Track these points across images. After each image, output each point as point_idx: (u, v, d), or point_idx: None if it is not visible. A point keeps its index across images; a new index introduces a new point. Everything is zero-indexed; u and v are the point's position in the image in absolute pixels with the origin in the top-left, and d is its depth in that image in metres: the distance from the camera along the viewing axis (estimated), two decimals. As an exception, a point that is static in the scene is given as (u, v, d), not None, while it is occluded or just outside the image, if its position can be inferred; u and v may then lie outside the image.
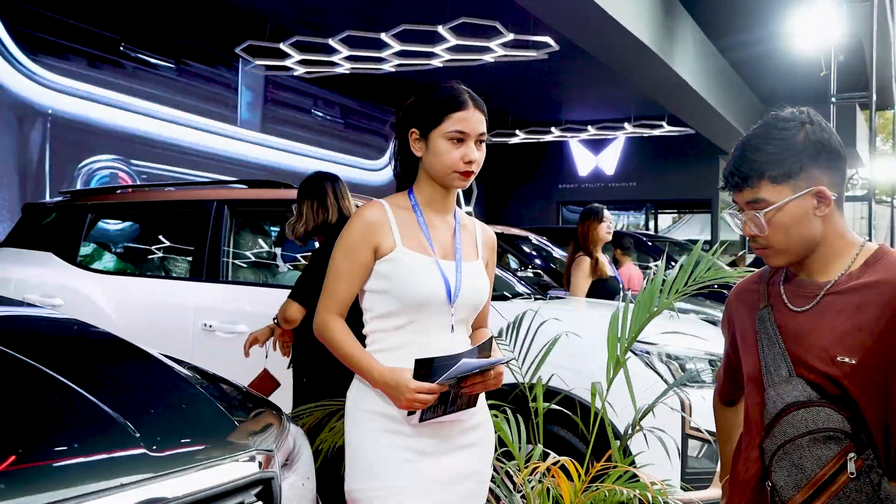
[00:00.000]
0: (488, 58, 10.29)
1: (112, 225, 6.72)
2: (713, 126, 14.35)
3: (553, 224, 18.16)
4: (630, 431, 2.85)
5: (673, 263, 8.15)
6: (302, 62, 10.66)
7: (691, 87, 11.17)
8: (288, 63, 10.66)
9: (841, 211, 1.84)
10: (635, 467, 2.76)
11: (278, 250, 5.68)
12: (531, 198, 19.27)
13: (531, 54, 10.03)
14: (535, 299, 4.87)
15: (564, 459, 2.61)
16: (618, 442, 2.80)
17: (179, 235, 5.66)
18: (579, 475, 2.62)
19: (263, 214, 5.51)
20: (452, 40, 9.49)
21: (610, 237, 5.96)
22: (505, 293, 4.95)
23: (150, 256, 5.89)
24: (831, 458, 1.71)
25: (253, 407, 1.78)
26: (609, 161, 19.07)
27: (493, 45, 9.66)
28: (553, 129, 16.33)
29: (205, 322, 4.65)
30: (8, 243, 5.72)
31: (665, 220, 20.66)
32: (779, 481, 1.77)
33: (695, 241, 10.21)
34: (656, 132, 15.76)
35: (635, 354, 3.93)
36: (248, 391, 1.93)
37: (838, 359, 1.74)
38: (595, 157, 19.23)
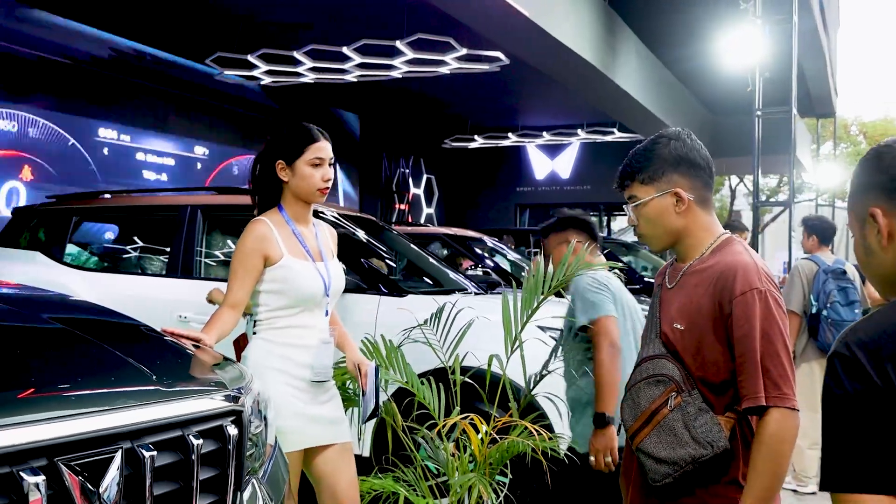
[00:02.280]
0: (444, 70, 10.96)
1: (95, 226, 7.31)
2: (660, 134, 15.11)
3: (511, 225, 18.87)
4: (526, 395, 3.54)
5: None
6: (268, 72, 11.27)
7: (635, 99, 11.93)
8: (255, 73, 11.27)
9: (704, 208, 2.38)
10: (535, 426, 3.43)
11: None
12: (491, 200, 19.97)
13: (483, 67, 10.72)
14: (475, 294, 5.52)
15: (472, 416, 3.30)
16: (516, 404, 3.48)
17: (156, 236, 6.29)
18: (482, 423, 3.32)
19: (232, 218, 6.14)
20: (410, 54, 10.15)
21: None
22: (445, 287, 5.64)
23: (128, 256, 6.51)
24: (658, 395, 2.34)
25: (227, 364, 2.45)
26: (564, 165, 19.84)
27: (447, 58, 10.34)
28: (510, 134, 17.03)
29: (180, 314, 5.27)
30: (-2, 243, 6.30)
31: (622, 221, 21.44)
32: (624, 414, 2.43)
33: (641, 244, 10.96)
34: (608, 138, 16.51)
35: (552, 338, 4.66)
36: (222, 355, 2.60)
37: (674, 325, 2.34)
38: (551, 161, 19.98)
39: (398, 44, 9.79)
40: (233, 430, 2.09)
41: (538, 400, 3.84)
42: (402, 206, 17.71)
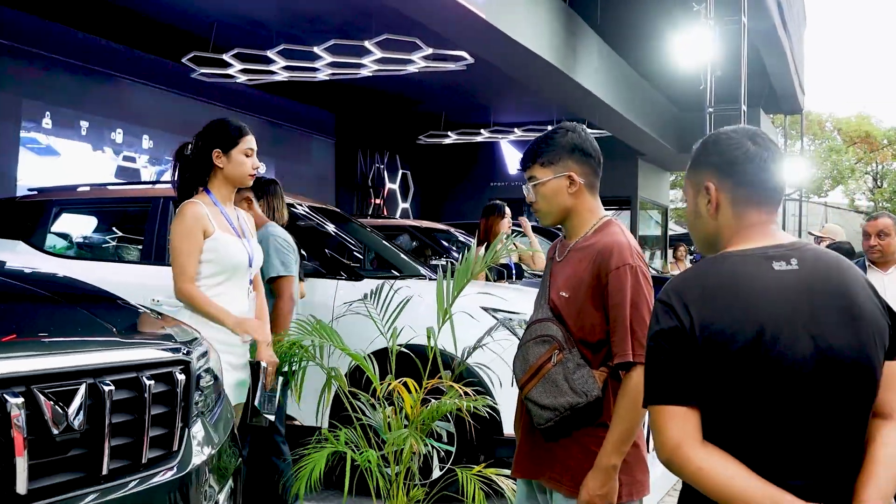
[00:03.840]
0: (411, 69, 11.38)
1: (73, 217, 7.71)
2: (626, 131, 15.58)
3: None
4: (459, 363, 4.00)
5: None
6: (243, 71, 11.66)
7: (598, 98, 12.38)
8: (230, 71, 11.66)
9: (592, 193, 2.79)
10: (463, 388, 3.88)
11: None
12: (465, 195, 20.38)
13: (450, 66, 11.15)
14: (430, 280, 5.97)
15: (406, 379, 3.76)
16: (448, 372, 3.93)
17: (131, 226, 6.72)
18: (417, 390, 3.77)
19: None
20: (378, 53, 10.57)
21: (509, 230, 7.05)
22: (404, 273, 6.11)
23: (106, 245, 6.93)
24: (544, 352, 2.73)
25: (182, 328, 2.89)
26: (537, 160, 20.22)
27: (414, 57, 10.76)
28: (483, 130, 17.41)
29: (153, 297, 5.70)
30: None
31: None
32: (515, 369, 2.87)
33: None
34: (578, 135, 16.92)
35: (494, 317, 5.14)
36: (180, 322, 3.04)
37: (560, 293, 2.77)
38: (524, 156, 20.36)
39: (367, 44, 10.21)
40: (181, 377, 2.53)
41: (476, 369, 4.32)
42: (378, 201, 18.11)
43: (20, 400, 2.00)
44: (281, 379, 3.66)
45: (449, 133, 17.69)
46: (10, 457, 1.97)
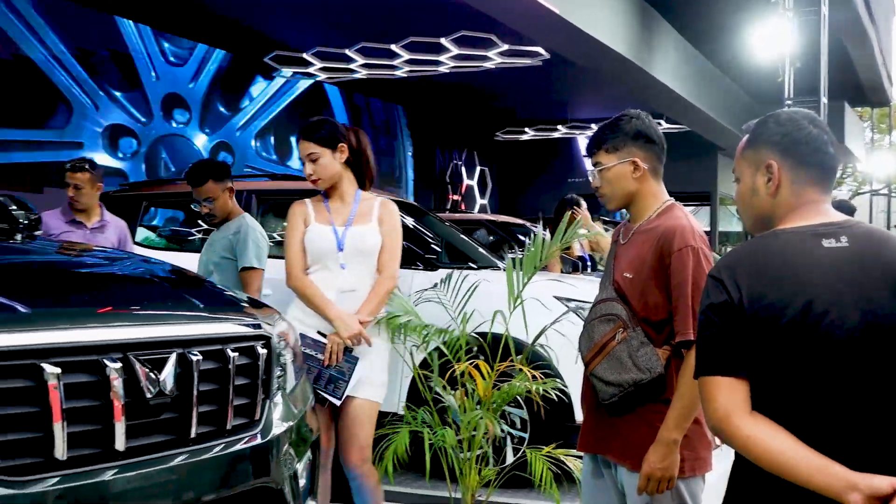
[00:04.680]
0: (488, 65, 11.53)
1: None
2: (704, 125, 15.43)
3: (563, 215, 19.17)
4: (529, 347, 4.11)
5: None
6: (323, 69, 11.96)
7: (674, 91, 12.32)
8: (311, 70, 11.97)
9: (655, 178, 2.88)
10: (532, 371, 4.00)
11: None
12: (543, 191, 20.39)
13: (526, 62, 11.26)
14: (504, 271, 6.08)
15: (478, 362, 3.89)
16: (519, 357, 4.05)
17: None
18: (489, 373, 3.90)
19: (283, 201, 6.81)
20: (455, 50, 10.75)
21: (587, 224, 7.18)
22: (480, 265, 6.25)
23: (192, 238, 7.22)
24: (608, 331, 2.84)
25: (264, 307, 3.07)
26: (615, 156, 20.11)
27: (490, 54, 10.90)
28: (560, 126, 17.45)
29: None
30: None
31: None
32: (580, 346, 2.97)
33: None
34: (656, 129, 16.81)
35: (566, 306, 5.23)
36: (262, 302, 3.23)
37: (624, 274, 2.88)
38: (602, 152, 20.26)
39: (443, 41, 10.39)
40: (262, 351, 2.70)
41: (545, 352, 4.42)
42: (456, 197, 18.29)
43: (118, 365, 2.19)
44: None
45: (526, 129, 17.78)
46: (109, 417, 2.16)
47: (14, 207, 3.68)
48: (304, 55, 11.32)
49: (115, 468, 2.16)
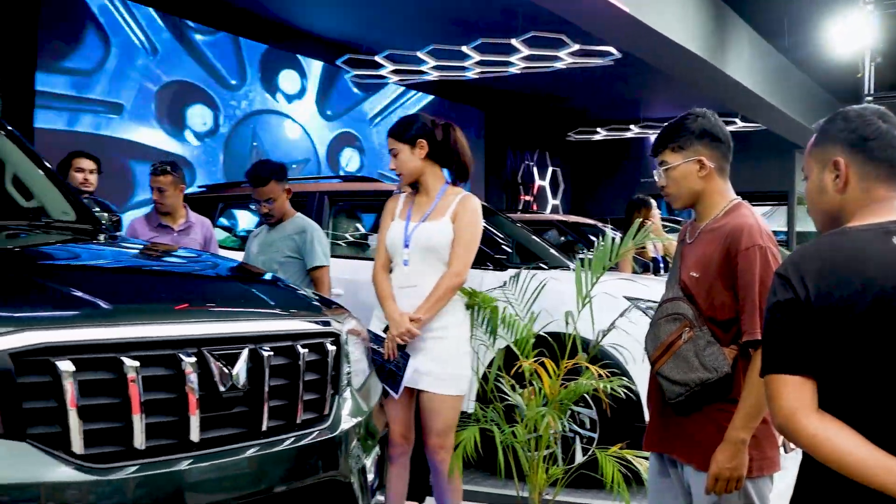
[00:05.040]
0: (559, 65, 11.50)
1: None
2: (781, 123, 15.12)
3: (636, 216, 19.01)
4: (595, 345, 4.11)
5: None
6: (395, 71, 12.07)
7: (749, 89, 12.11)
8: (382, 73, 12.09)
9: (722, 176, 2.87)
10: (599, 369, 4.00)
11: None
12: (615, 191, 20.23)
13: (597, 61, 11.20)
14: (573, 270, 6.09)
15: (544, 360, 3.91)
16: (585, 354, 4.06)
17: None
18: (554, 371, 3.92)
19: (355, 202, 6.93)
20: (525, 51, 10.75)
21: (657, 224, 7.18)
22: (550, 265, 6.28)
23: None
24: (674, 330, 2.83)
25: (335, 305, 3.15)
26: (689, 156, 19.84)
27: (561, 54, 10.87)
28: (632, 126, 17.31)
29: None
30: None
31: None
32: (646, 346, 2.97)
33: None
34: (730, 128, 16.48)
35: (636, 307, 5.21)
36: (331, 301, 3.30)
37: (691, 273, 2.87)
38: (675, 152, 20.01)
39: (514, 41, 10.39)
40: (331, 347, 2.77)
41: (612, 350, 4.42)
42: (528, 198, 18.27)
43: (193, 360, 2.27)
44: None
45: (598, 129, 17.67)
46: (184, 409, 2.25)
47: (97, 209, 3.84)
48: (376, 58, 11.44)
49: (190, 458, 2.25)
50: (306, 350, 2.64)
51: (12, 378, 1.98)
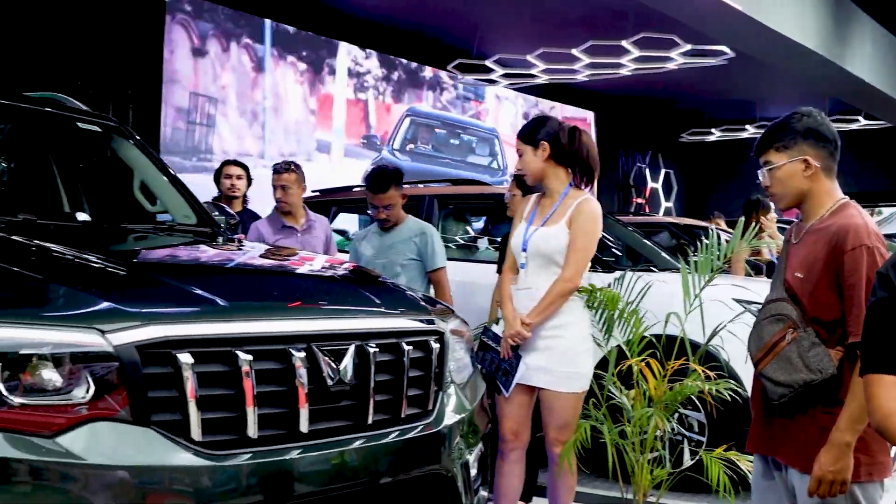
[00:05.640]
0: (670, 66, 11.36)
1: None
2: (907, 119, 14.55)
3: (752, 218, 18.56)
4: (702, 347, 4.09)
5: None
6: (504, 76, 12.15)
7: (871, 85, 11.68)
8: (492, 77, 12.18)
9: (828, 176, 2.84)
10: (706, 370, 3.97)
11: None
12: (732, 194, 19.76)
13: (710, 61, 11.02)
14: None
15: (649, 359, 3.92)
16: (691, 356, 4.04)
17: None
18: (660, 371, 3.92)
19: (464, 206, 7.03)
20: (636, 52, 10.67)
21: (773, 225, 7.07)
22: (659, 267, 6.25)
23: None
24: (778, 331, 2.81)
25: (440, 305, 3.25)
26: (808, 156, 19.25)
27: (672, 54, 10.74)
28: (748, 126, 16.90)
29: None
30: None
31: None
32: (749, 346, 2.96)
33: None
34: (853, 126, 15.98)
35: (747, 309, 5.14)
36: (436, 300, 3.40)
37: (796, 273, 2.85)
38: (794, 152, 19.45)
39: (624, 43, 10.33)
40: (435, 345, 2.86)
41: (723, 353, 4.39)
42: (640, 200, 18.07)
43: (303, 354, 2.40)
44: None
45: (712, 130, 17.32)
46: (294, 401, 2.37)
47: (217, 213, 4.04)
48: (486, 62, 11.54)
49: (300, 448, 2.38)
50: (411, 347, 2.74)
51: (138, 369, 2.14)
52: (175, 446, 2.16)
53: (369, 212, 5.39)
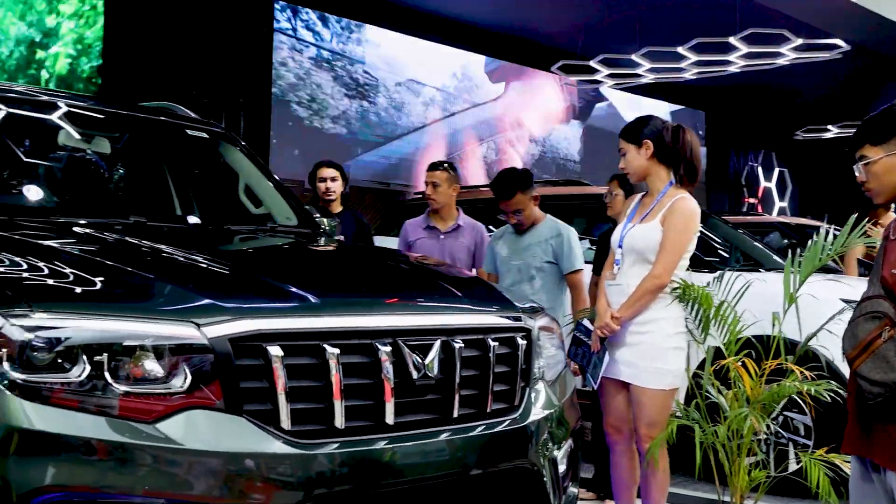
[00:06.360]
0: (781, 61, 11.08)
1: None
2: None
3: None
4: (800, 347, 4.00)
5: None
6: (610, 76, 12.08)
7: None
8: (597, 77, 12.13)
9: None
10: (804, 371, 3.89)
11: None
12: (849, 191, 19.13)
13: (824, 56, 10.70)
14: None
15: (745, 360, 3.86)
16: (790, 357, 3.96)
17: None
18: (756, 371, 3.86)
19: (567, 205, 7.03)
20: (744, 48, 10.46)
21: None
22: (766, 267, 6.14)
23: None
24: (873, 329, 2.77)
25: (528, 302, 3.29)
26: (934, 153, 18.47)
27: (783, 50, 10.48)
28: (868, 122, 16.31)
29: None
30: (378, 231, 7.70)
31: None
32: (844, 345, 2.90)
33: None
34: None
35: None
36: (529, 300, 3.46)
37: (893, 271, 2.79)
38: (918, 148, 18.69)
39: (732, 39, 10.15)
40: (521, 342, 2.91)
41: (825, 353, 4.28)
42: (752, 200, 17.66)
43: (389, 349, 2.48)
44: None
45: (829, 126, 16.79)
46: (380, 394, 2.46)
47: (317, 215, 4.20)
48: (591, 63, 11.49)
49: (386, 439, 2.46)
50: (496, 343, 2.79)
51: (231, 360, 2.26)
52: (266, 434, 2.26)
53: (500, 216, 5.35)
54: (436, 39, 11.49)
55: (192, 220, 4.05)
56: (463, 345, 2.67)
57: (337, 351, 2.39)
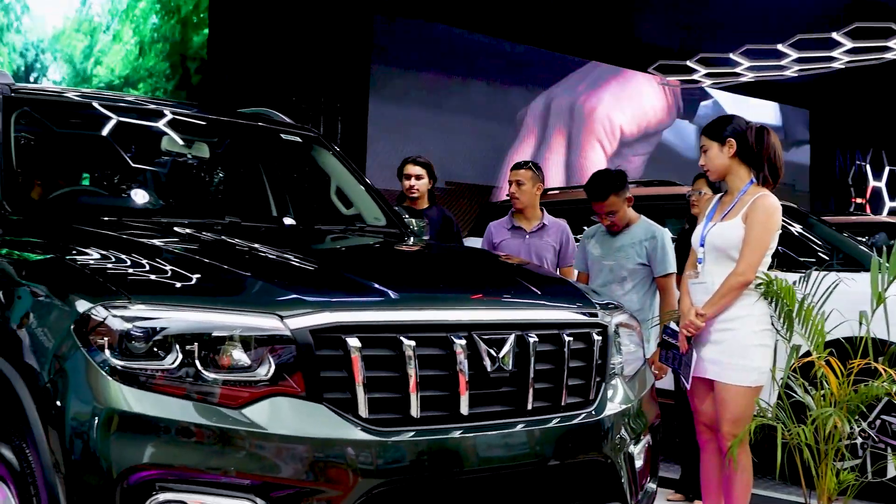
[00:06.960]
0: (890, 55, 10.75)
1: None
2: None
3: None
4: (891, 348, 3.92)
5: None
6: (708, 75, 11.92)
7: None
8: (695, 77, 11.98)
9: None
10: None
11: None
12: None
13: (934, 49, 10.34)
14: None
15: (829, 358, 3.81)
16: (880, 357, 3.88)
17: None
18: (841, 371, 3.81)
19: (654, 205, 7.00)
20: (848, 44, 10.19)
21: None
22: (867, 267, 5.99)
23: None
24: None
25: (605, 299, 3.33)
26: None
27: (891, 43, 10.17)
28: None
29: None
30: (471, 233, 7.80)
31: None
32: None
33: None
34: None
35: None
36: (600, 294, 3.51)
37: None
38: None
39: (835, 35, 9.91)
40: (597, 337, 2.96)
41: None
42: (860, 200, 17.10)
43: (463, 342, 2.58)
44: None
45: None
46: (455, 386, 2.56)
47: (406, 216, 4.33)
48: (688, 63, 11.37)
49: (460, 429, 2.55)
50: (571, 338, 2.85)
51: (312, 350, 2.39)
52: (345, 422, 2.39)
53: (593, 218, 5.34)
54: (528, 42, 11.54)
55: (285, 220, 4.24)
56: (537, 339, 2.74)
57: (413, 343, 2.49)
